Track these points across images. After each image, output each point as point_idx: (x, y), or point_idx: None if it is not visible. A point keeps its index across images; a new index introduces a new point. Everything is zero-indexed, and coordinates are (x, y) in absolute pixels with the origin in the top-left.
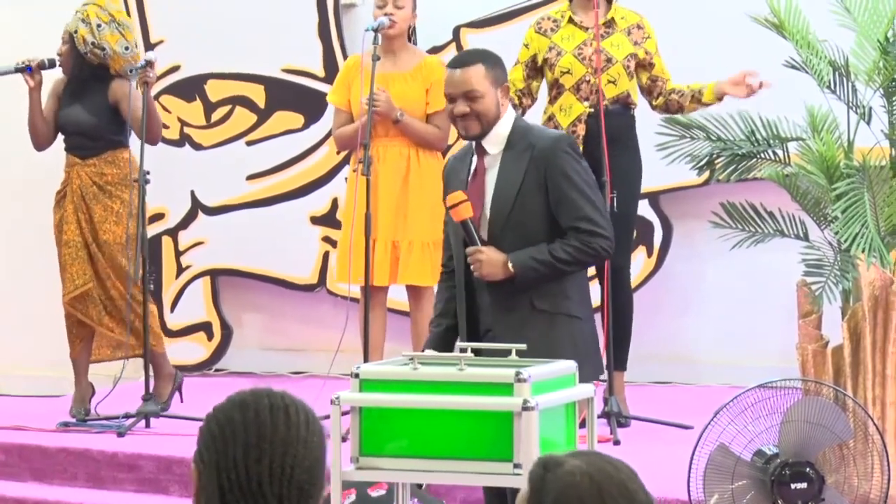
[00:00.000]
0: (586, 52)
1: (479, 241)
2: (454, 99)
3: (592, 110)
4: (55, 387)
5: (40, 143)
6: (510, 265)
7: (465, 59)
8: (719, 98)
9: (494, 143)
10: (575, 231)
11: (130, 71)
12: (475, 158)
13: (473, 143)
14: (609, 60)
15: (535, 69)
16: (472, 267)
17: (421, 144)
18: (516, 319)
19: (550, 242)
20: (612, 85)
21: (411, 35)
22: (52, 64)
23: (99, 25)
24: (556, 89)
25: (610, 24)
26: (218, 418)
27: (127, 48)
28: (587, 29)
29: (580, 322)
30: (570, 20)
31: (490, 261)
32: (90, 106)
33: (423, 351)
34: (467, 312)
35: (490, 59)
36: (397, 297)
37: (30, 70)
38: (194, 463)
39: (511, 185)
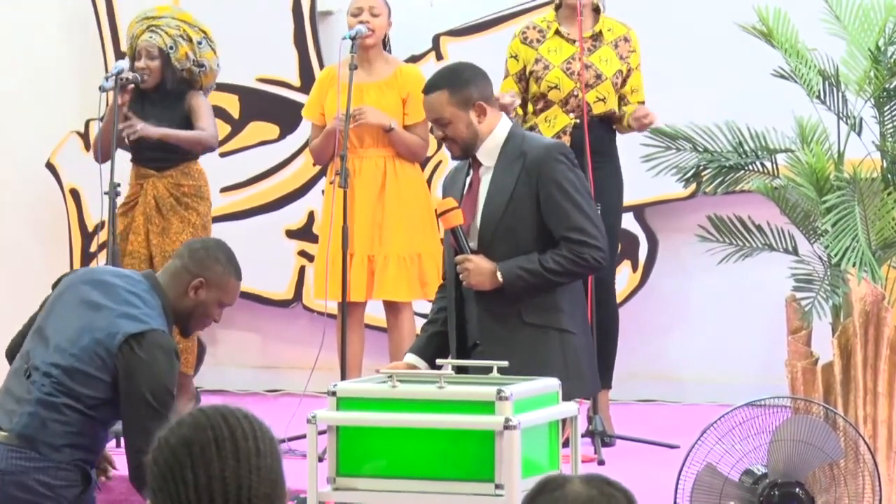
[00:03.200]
0: (575, 67)
1: (469, 250)
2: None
3: (578, 121)
4: None
5: (106, 157)
6: (498, 274)
7: (431, 85)
8: (628, 126)
9: (487, 155)
10: (566, 241)
11: (210, 88)
12: (471, 170)
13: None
14: (599, 77)
15: (525, 80)
16: (460, 276)
17: (406, 155)
18: (504, 332)
19: (541, 251)
20: (601, 102)
21: (385, 43)
22: (137, 80)
23: (199, 42)
24: (542, 102)
25: (597, 37)
26: (165, 457)
27: (218, 64)
28: (574, 42)
29: (572, 336)
30: (557, 31)
31: (478, 269)
32: (169, 119)
33: (405, 354)
34: (457, 325)
35: (457, 81)
36: (375, 312)
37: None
38: (149, 499)
39: (502, 193)
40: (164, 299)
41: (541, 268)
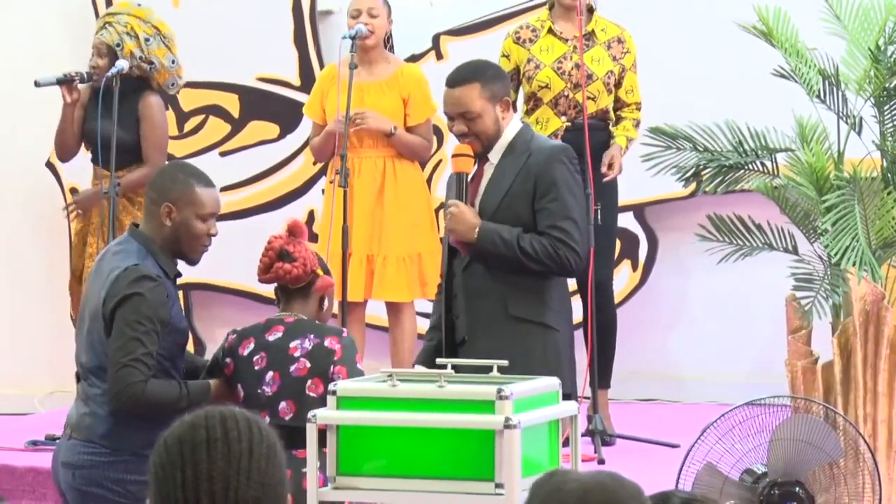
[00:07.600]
0: (566, 67)
1: (466, 200)
2: (452, 118)
3: (570, 124)
4: (22, 405)
5: (67, 155)
6: (476, 230)
7: (460, 77)
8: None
9: (496, 151)
10: (547, 236)
11: (172, 84)
12: (477, 165)
13: None
14: (590, 76)
15: (517, 80)
16: (444, 218)
17: (409, 157)
18: (490, 326)
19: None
20: (592, 101)
21: (388, 42)
22: (88, 78)
23: (147, 39)
24: (532, 102)
25: (590, 36)
26: (161, 455)
27: (173, 61)
28: (567, 41)
29: (556, 334)
30: (550, 30)
31: (461, 216)
32: (123, 120)
33: (413, 365)
34: (446, 321)
35: (487, 74)
36: (375, 312)
37: (72, 82)
38: (149, 498)
39: (499, 188)
40: (145, 239)
41: (516, 243)
